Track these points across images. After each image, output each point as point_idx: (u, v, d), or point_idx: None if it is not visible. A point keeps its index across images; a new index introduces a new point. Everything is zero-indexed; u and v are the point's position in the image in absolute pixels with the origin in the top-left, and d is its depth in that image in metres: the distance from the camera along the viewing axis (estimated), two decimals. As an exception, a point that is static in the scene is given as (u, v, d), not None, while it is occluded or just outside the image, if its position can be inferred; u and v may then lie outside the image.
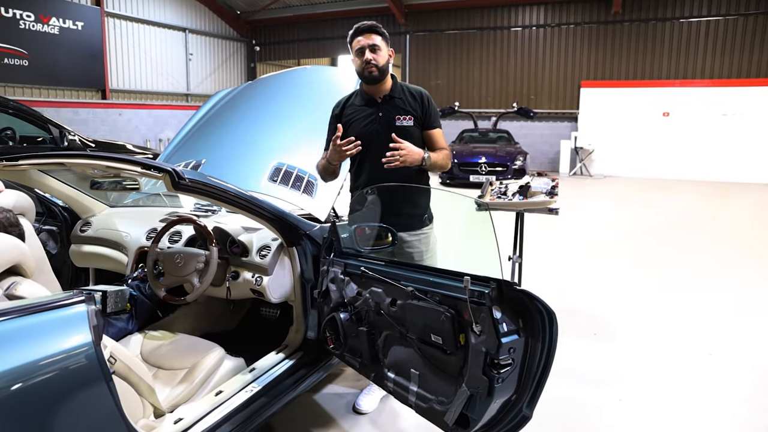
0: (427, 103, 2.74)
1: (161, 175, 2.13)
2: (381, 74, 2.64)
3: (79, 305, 1.54)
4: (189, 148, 3.94)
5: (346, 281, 2.33)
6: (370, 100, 2.72)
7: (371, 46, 2.60)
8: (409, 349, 2.06)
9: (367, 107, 2.72)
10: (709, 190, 12.05)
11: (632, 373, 3.36)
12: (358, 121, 2.71)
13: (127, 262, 3.05)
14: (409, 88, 2.76)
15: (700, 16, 14.21)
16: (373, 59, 2.59)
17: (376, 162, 2.67)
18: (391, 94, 2.71)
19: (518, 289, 1.67)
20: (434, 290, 1.88)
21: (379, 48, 2.61)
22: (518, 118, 15.62)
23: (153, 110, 15.87)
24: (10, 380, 1.33)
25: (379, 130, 2.67)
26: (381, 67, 2.62)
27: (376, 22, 2.67)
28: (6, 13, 12.40)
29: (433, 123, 2.75)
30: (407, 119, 2.68)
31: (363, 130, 2.68)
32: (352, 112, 2.74)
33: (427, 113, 2.73)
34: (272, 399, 2.36)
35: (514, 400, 1.79)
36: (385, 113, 2.68)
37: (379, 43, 2.62)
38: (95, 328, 1.53)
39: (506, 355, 1.66)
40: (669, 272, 5.57)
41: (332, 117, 2.83)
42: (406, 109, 2.69)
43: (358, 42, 2.62)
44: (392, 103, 2.69)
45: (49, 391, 1.42)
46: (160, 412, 2.11)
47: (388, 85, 2.71)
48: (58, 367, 1.44)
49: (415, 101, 2.72)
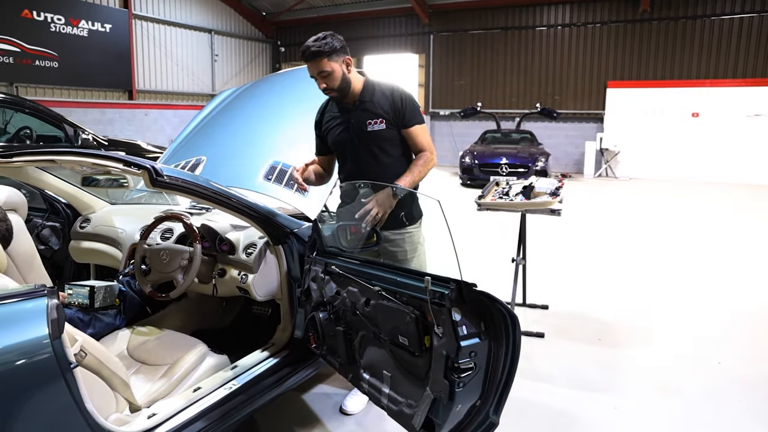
0: (399, 101, 2.60)
1: (140, 172, 2.15)
2: (341, 92, 2.57)
3: (39, 299, 1.55)
4: (191, 147, 3.98)
5: (326, 280, 2.31)
6: (343, 108, 2.68)
7: (320, 73, 2.51)
8: (382, 350, 2.02)
9: (341, 114, 2.68)
10: (739, 193, 11.66)
11: (635, 381, 3.26)
12: (333, 129, 2.69)
13: (122, 258, 3.09)
14: (381, 88, 2.64)
15: (733, 13, 13.77)
16: (326, 85, 2.53)
17: (353, 170, 2.68)
18: (361, 98, 2.61)
19: (478, 291, 1.61)
20: (401, 290, 1.85)
21: (329, 72, 2.49)
22: (542, 118, 15.39)
23: (178, 110, 16.13)
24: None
25: (352, 137, 2.62)
26: (338, 87, 2.54)
27: (319, 43, 2.47)
28: (38, 16, 12.77)
29: (409, 121, 2.62)
30: (378, 123, 2.59)
31: (338, 138, 2.67)
32: (329, 119, 2.72)
33: (400, 112, 2.61)
34: (251, 397, 2.35)
35: (479, 406, 1.74)
36: (356, 119, 2.62)
37: (327, 66, 2.48)
38: (53, 322, 1.54)
39: (467, 358, 1.61)
40: (685, 279, 5.40)
41: (315, 123, 2.83)
42: (377, 113, 2.59)
43: (309, 69, 2.54)
44: (363, 108, 2.61)
45: (6, 384, 1.43)
46: (136, 407, 2.12)
47: (357, 90, 2.61)
48: (13, 360, 1.45)
49: (386, 102, 2.60)
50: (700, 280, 5.31)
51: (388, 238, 2.61)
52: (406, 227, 2.67)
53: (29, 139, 5.85)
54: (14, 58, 12.33)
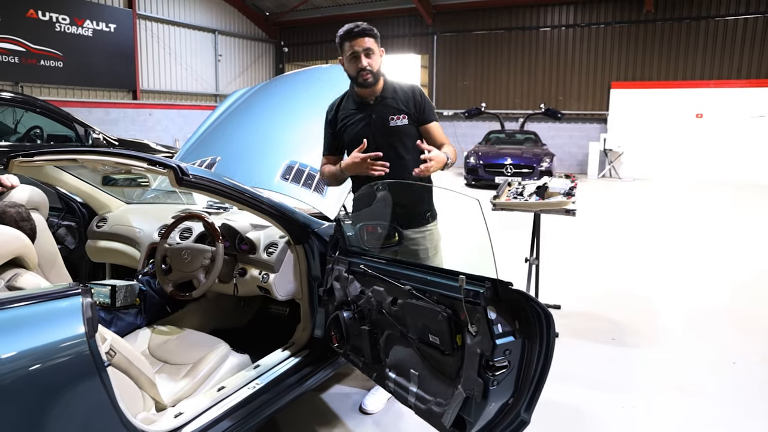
0: (420, 97, 2.66)
1: (166, 171, 2.15)
2: (375, 79, 2.57)
3: (74, 297, 1.56)
4: (205, 146, 3.98)
5: (350, 279, 2.31)
6: (362, 103, 2.65)
7: (365, 50, 2.50)
8: (409, 349, 2.03)
9: (360, 111, 2.65)
10: (743, 193, 11.66)
11: (650, 380, 3.26)
12: (352, 126, 2.66)
13: (140, 257, 3.09)
14: (400, 86, 2.68)
15: (737, 14, 13.77)
16: (368, 65, 2.51)
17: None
18: (383, 95, 2.63)
19: (514, 290, 1.62)
20: (432, 289, 1.85)
21: (373, 52, 2.52)
22: (546, 119, 15.39)
23: (182, 110, 16.14)
24: (3, 368, 1.34)
25: (374, 133, 2.60)
26: (375, 72, 2.55)
27: (366, 24, 2.55)
28: (43, 16, 12.79)
29: (429, 117, 2.67)
30: (401, 118, 2.61)
31: (358, 133, 2.62)
32: (345, 116, 2.68)
33: (421, 109, 2.65)
34: (275, 396, 2.36)
35: (511, 404, 1.74)
36: (378, 115, 2.61)
37: (373, 46, 2.52)
38: (89, 321, 1.54)
39: (501, 357, 1.62)
40: (696, 278, 5.40)
41: (327, 121, 2.77)
42: (399, 108, 2.61)
43: (351, 46, 2.52)
44: (384, 104, 2.62)
45: (42, 381, 1.43)
46: (162, 405, 2.12)
47: (380, 86, 2.63)
48: (51, 358, 1.45)
49: (407, 98, 2.64)
50: (712, 279, 5.31)
51: (409, 236, 2.61)
52: (427, 225, 2.67)
53: (40, 139, 5.85)
54: (19, 57, 12.35)
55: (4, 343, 1.38)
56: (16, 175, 2.75)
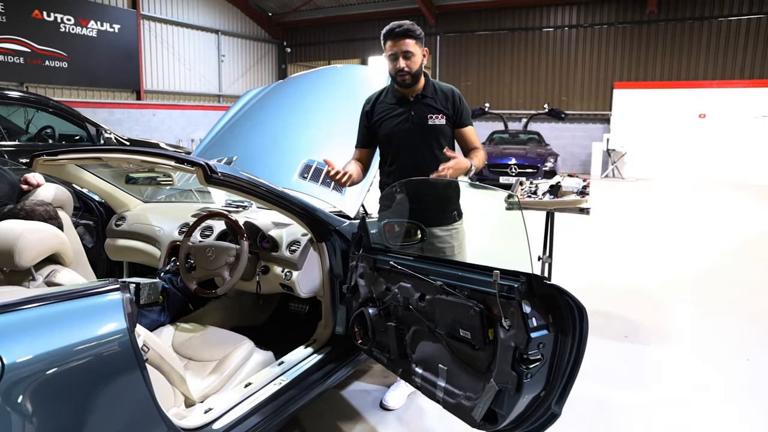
0: (459, 101, 2.71)
1: (194, 169, 2.17)
2: (414, 80, 2.60)
3: (114, 293, 1.58)
4: (221, 146, 4.00)
5: (375, 276, 2.33)
6: (402, 99, 2.70)
7: (404, 53, 2.54)
8: (437, 345, 2.05)
9: (399, 106, 2.70)
10: (746, 193, 11.69)
11: (665, 377, 3.28)
12: (389, 120, 2.70)
13: (160, 255, 3.11)
14: (441, 87, 2.73)
15: (740, 14, 13.80)
16: (406, 66, 2.55)
17: (409, 161, 2.68)
18: (423, 93, 2.67)
19: (548, 284, 1.65)
20: (463, 285, 1.87)
21: (412, 54, 2.55)
22: (549, 119, 15.42)
23: (186, 111, 16.18)
24: (49, 363, 1.37)
25: (411, 128, 2.66)
26: (414, 73, 2.58)
27: (410, 24, 2.59)
28: (48, 17, 12.82)
29: (465, 121, 2.72)
30: (439, 118, 2.65)
31: (395, 128, 2.67)
32: (384, 110, 2.72)
33: (459, 111, 2.70)
34: (300, 392, 2.38)
35: (543, 397, 1.77)
36: (417, 112, 2.66)
37: (413, 48, 2.55)
38: (129, 316, 1.57)
39: (535, 350, 1.64)
40: (704, 276, 5.42)
41: (364, 113, 2.82)
42: (438, 108, 2.66)
43: (391, 47, 2.57)
44: (424, 102, 2.66)
45: (85, 376, 1.46)
46: (191, 401, 2.15)
47: (420, 85, 2.68)
48: (94, 353, 1.47)
49: (446, 100, 2.69)
50: (722, 276, 5.33)
51: (436, 234, 2.63)
52: (454, 223, 2.70)
53: (51, 139, 5.88)
54: (25, 58, 12.38)
55: (51, 338, 1.41)
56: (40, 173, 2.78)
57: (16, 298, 1.42)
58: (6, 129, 5.33)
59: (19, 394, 1.29)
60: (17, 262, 1.73)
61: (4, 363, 1.27)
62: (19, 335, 1.36)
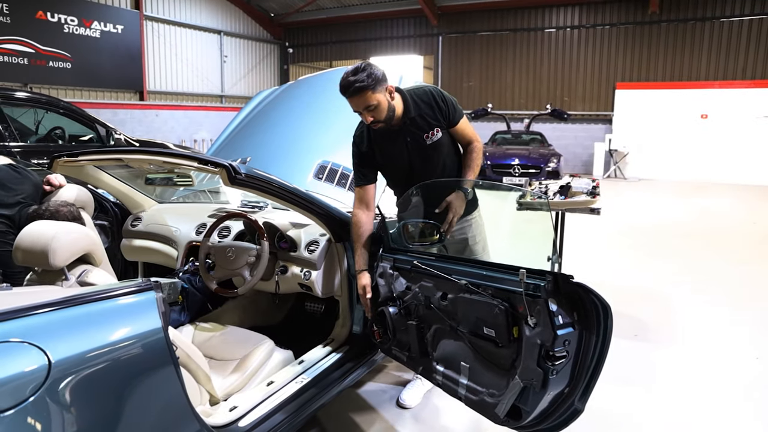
0: (443, 102, 2.57)
1: (218, 170, 2.21)
2: (387, 121, 2.45)
3: (149, 292, 1.61)
4: (233, 147, 4.04)
5: (395, 276, 2.37)
6: (390, 132, 2.54)
7: (366, 108, 2.37)
8: (460, 343, 2.08)
9: (393, 138, 2.56)
10: (748, 193, 11.73)
11: (675, 376, 3.32)
12: (387, 153, 2.59)
13: (177, 255, 3.14)
14: (419, 98, 2.56)
15: (742, 15, 13.84)
16: (373, 118, 2.41)
17: (421, 179, 2.60)
18: (408, 117, 2.52)
19: (574, 282, 1.68)
20: (487, 284, 1.90)
21: (375, 105, 2.36)
22: (551, 120, 15.45)
23: (188, 111, 16.20)
24: (91, 361, 1.40)
25: (412, 155, 2.58)
26: (385, 118, 2.42)
27: (359, 76, 2.32)
28: (52, 18, 12.85)
29: (455, 118, 2.60)
30: (435, 133, 2.56)
31: (396, 160, 2.59)
32: (379, 143, 2.59)
33: (446, 114, 2.58)
34: (321, 390, 2.41)
35: (567, 393, 1.80)
36: (412, 137, 2.55)
37: (371, 99, 2.34)
38: (164, 315, 1.60)
39: (561, 347, 1.68)
40: (712, 275, 5.45)
41: (360, 153, 2.63)
42: (430, 123, 2.55)
43: (352, 105, 2.41)
44: (414, 124, 2.54)
45: (122, 373, 1.49)
46: (215, 399, 2.18)
47: (400, 111, 2.50)
48: (131, 351, 1.50)
49: (431, 109, 2.55)
50: (730, 277, 5.37)
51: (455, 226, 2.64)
52: (471, 212, 2.72)
53: (61, 140, 5.90)
54: (28, 59, 12.40)
55: (91, 337, 1.44)
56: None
57: (56, 297, 1.46)
58: (16, 130, 5.35)
59: (63, 390, 1.33)
60: (51, 262, 1.76)
61: (51, 361, 1.31)
62: (63, 333, 1.39)
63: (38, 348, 1.32)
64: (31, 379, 1.27)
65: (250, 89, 18.86)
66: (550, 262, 4.19)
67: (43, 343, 1.33)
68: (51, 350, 1.33)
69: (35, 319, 1.37)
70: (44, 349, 1.32)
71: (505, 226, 2.92)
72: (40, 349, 1.31)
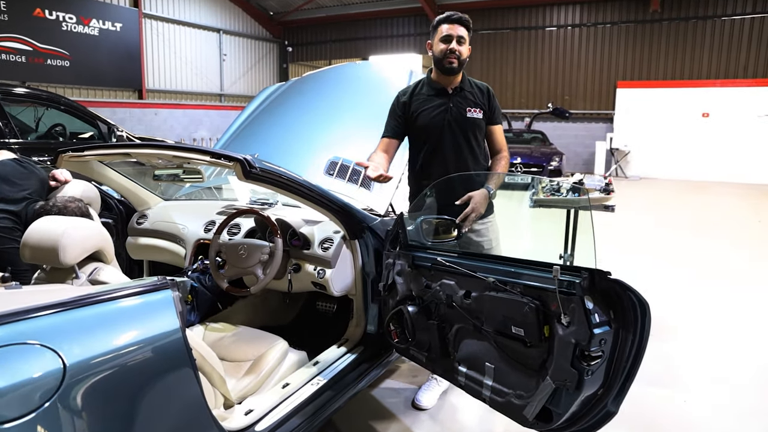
0: (493, 98, 2.78)
1: (232, 164, 2.13)
2: (459, 67, 2.64)
3: (165, 290, 1.54)
4: (240, 143, 3.95)
5: (414, 274, 2.29)
6: (440, 91, 2.71)
7: (459, 38, 2.60)
8: (484, 343, 2.01)
9: (437, 98, 2.70)
10: (750, 192, 11.69)
11: (693, 374, 3.25)
12: (427, 111, 2.69)
13: (185, 254, 3.06)
14: (476, 83, 2.79)
15: (743, 13, 13.80)
16: (457, 50, 2.60)
17: (448, 152, 2.67)
18: (461, 86, 2.71)
19: (611, 279, 1.61)
20: (515, 281, 1.83)
21: (465, 40, 2.62)
22: (552, 118, 15.40)
23: (187, 110, 16.11)
24: (108, 363, 1.32)
25: (450, 120, 2.67)
26: (462, 59, 2.63)
27: (463, 15, 2.65)
28: (50, 15, 12.73)
29: (497, 119, 2.78)
30: (477, 111, 2.69)
31: (433, 120, 2.67)
32: (421, 102, 2.71)
33: (493, 108, 2.76)
34: (337, 393, 2.34)
35: (600, 395, 1.73)
36: (456, 104, 2.68)
37: (466, 36, 2.62)
38: (181, 315, 1.53)
39: (597, 346, 1.61)
40: (722, 273, 5.40)
41: (399, 103, 2.76)
42: (476, 102, 2.70)
43: (447, 29, 2.61)
44: (462, 95, 2.70)
45: (140, 375, 1.41)
46: (230, 402, 2.10)
47: (459, 78, 2.71)
48: (148, 352, 1.43)
49: (482, 95, 2.75)
50: (743, 274, 5.31)
51: (472, 228, 2.59)
52: (488, 216, 2.67)
53: (62, 137, 5.81)
54: (26, 57, 12.29)
55: (108, 338, 1.36)
56: (66, 170, 2.73)
57: (69, 296, 1.38)
58: (16, 127, 5.25)
59: (79, 395, 1.25)
60: (62, 260, 1.68)
61: (66, 364, 1.23)
62: (78, 335, 1.32)
63: (52, 350, 1.24)
64: (45, 383, 1.19)
65: (249, 88, 18.76)
66: (561, 260, 4.14)
67: (58, 345, 1.25)
68: (65, 353, 1.25)
69: (48, 320, 1.29)
70: (59, 352, 1.24)
71: (524, 223, 2.87)
72: (55, 351, 1.24)
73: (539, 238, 3.95)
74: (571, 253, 4.15)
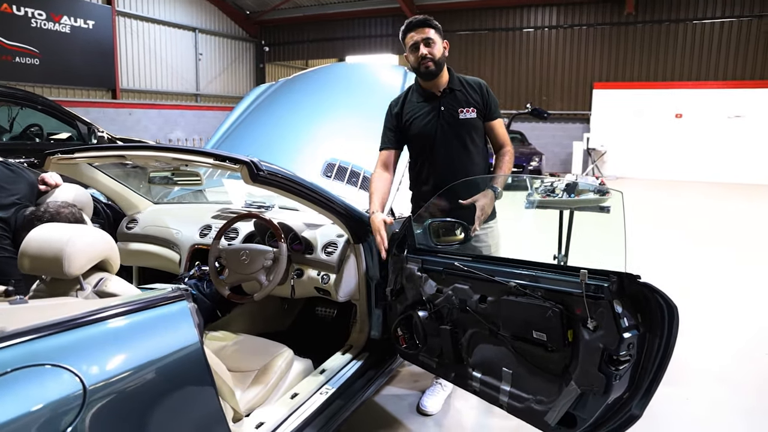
0: (487, 93, 2.66)
1: (238, 167, 2.05)
2: (437, 68, 2.55)
3: (181, 302, 1.47)
4: (229, 145, 3.86)
5: (424, 278, 2.24)
6: (429, 95, 2.63)
7: (425, 40, 2.53)
8: (501, 348, 1.97)
9: (427, 103, 2.63)
10: (719, 191, 11.97)
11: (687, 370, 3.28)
12: (419, 118, 2.62)
13: (179, 260, 2.96)
14: (467, 80, 2.68)
15: (714, 17, 14.13)
16: (428, 53, 2.52)
17: (442, 158, 2.61)
18: (450, 87, 2.61)
19: (640, 283, 1.59)
20: (537, 285, 1.80)
21: (433, 41, 2.54)
22: (530, 119, 15.50)
23: (162, 110, 15.78)
24: (128, 381, 1.25)
25: (442, 125, 2.59)
26: (437, 60, 2.54)
27: (427, 16, 2.60)
28: (18, 11, 12.31)
29: (494, 114, 2.67)
30: (470, 111, 2.60)
31: (426, 127, 2.60)
32: (411, 110, 2.64)
33: (488, 104, 2.65)
34: (347, 401, 2.28)
35: (626, 398, 1.71)
36: (446, 107, 2.60)
37: (433, 36, 2.55)
38: (198, 326, 1.46)
39: (626, 350, 1.58)
40: (730, 273, 5.48)
41: (391, 115, 2.70)
42: (469, 101, 2.60)
43: (412, 37, 2.56)
44: (453, 96, 2.61)
45: (159, 393, 1.35)
46: (239, 415, 2.02)
47: (445, 78, 2.62)
48: (168, 367, 1.37)
49: (475, 92, 2.64)
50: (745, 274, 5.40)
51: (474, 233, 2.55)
52: (490, 222, 2.63)
53: (39, 138, 5.58)
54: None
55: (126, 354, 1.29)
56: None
57: (81, 311, 1.29)
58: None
59: (100, 417, 1.17)
60: (66, 270, 1.58)
61: (86, 385, 1.15)
62: (94, 352, 1.24)
63: (69, 371, 1.16)
64: (67, 408, 1.11)
65: (225, 88, 18.49)
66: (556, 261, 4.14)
67: (75, 365, 1.17)
68: (83, 372, 1.17)
69: (63, 338, 1.21)
70: (76, 372, 1.16)
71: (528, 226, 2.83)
72: (73, 372, 1.16)
73: (542, 240, 3.95)
74: (565, 254, 4.15)
